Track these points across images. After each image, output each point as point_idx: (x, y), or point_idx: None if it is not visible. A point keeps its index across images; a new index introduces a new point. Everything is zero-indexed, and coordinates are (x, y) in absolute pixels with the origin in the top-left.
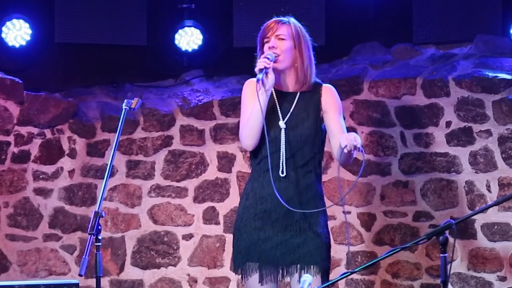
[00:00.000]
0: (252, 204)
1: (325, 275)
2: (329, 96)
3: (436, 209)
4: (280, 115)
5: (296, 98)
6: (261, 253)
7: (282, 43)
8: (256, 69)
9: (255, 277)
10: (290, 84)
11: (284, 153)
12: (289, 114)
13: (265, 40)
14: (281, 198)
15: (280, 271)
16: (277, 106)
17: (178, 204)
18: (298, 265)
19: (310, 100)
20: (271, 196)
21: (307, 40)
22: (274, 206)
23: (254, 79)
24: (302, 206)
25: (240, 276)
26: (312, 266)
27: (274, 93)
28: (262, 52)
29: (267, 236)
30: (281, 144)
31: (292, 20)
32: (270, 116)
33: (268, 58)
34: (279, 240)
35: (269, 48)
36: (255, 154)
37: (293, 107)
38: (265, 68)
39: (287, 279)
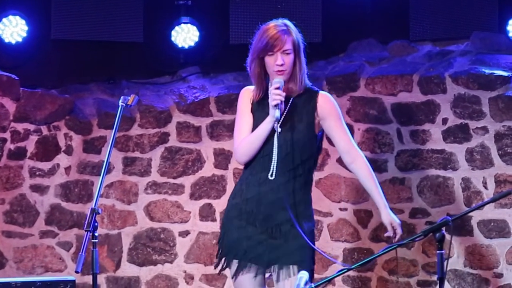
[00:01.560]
0: (238, 203)
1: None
2: (326, 104)
3: (433, 206)
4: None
5: (290, 103)
6: (242, 250)
7: (287, 57)
8: (272, 103)
9: (232, 272)
10: (286, 89)
11: (275, 157)
12: (282, 118)
13: (269, 53)
14: (294, 220)
15: (258, 269)
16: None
17: (174, 201)
18: (277, 265)
19: (304, 105)
20: (255, 197)
21: (303, 44)
22: (258, 207)
23: (251, 87)
24: (287, 210)
25: (219, 271)
26: (291, 266)
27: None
28: (260, 62)
29: (249, 235)
30: (274, 147)
31: (290, 25)
32: (264, 119)
33: (279, 88)
34: (261, 239)
35: (278, 65)
36: None
37: (286, 111)
38: (281, 101)
39: (266, 277)
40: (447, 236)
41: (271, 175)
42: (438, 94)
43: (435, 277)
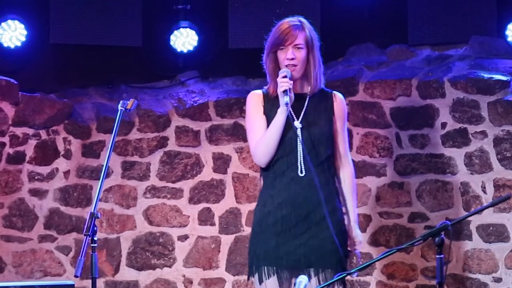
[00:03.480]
0: (271, 211)
1: (341, 279)
2: (341, 105)
3: (432, 210)
4: (294, 116)
5: (307, 99)
6: (279, 257)
7: (299, 52)
8: (280, 90)
9: (272, 280)
10: (301, 87)
11: (301, 152)
12: (302, 114)
13: (281, 47)
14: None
15: (296, 274)
16: (290, 108)
17: (173, 205)
18: (313, 269)
19: (321, 102)
20: (289, 200)
21: (318, 42)
22: (294, 210)
23: (257, 91)
24: (321, 205)
25: (257, 281)
26: (328, 271)
27: None
28: (273, 56)
29: (285, 241)
30: (298, 143)
31: (304, 22)
32: None
33: (287, 77)
34: (297, 244)
35: (288, 59)
36: None
37: (305, 107)
38: (288, 88)
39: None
40: (446, 241)
41: (301, 172)
42: (437, 98)
43: (434, 282)
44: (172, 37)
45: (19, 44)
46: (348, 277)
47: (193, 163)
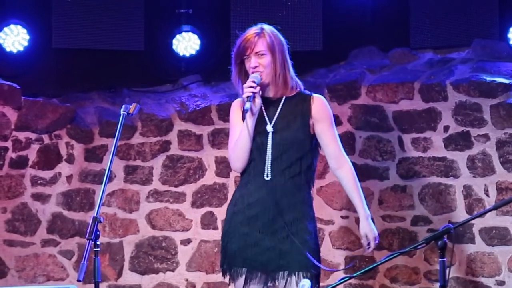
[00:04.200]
0: (240, 210)
1: (314, 281)
2: (320, 106)
3: (434, 214)
4: (267, 120)
5: (281, 102)
6: (248, 258)
7: (262, 59)
8: (244, 96)
9: (241, 281)
10: (273, 91)
11: (269, 157)
12: (275, 118)
13: (244, 57)
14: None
15: (267, 276)
16: (264, 112)
17: (176, 209)
18: (286, 271)
19: (297, 105)
20: (258, 201)
21: (282, 44)
22: (262, 211)
23: (239, 99)
24: (288, 211)
25: (228, 280)
26: (300, 272)
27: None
28: (239, 68)
29: (255, 241)
30: (267, 147)
31: (266, 28)
32: (257, 122)
33: (254, 82)
34: (267, 245)
35: (252, 68)
36: None
37: (278, 111)
38: (253, 94)
39: (276, 283)
40: (449, 244)
41: (267, 176)
42: (439, 101)
43: (437, 285)
44: (174, 41)
45: (21, 48)
46: (352, 281)
47: (195, 167)
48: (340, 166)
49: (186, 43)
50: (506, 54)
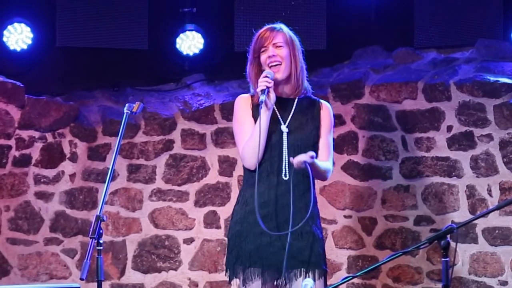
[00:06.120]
0: (253, 209)
1: (324, 279)
2: (327, 114)
3: (437, 213)
4: (281, 119)
5: (295, 103)
6: (264, 257)
7: (280, 50)
8: (258, 90)
9: (257, 282)
10: (287, 90)
11: (286, 157)
12: (289, 118)
13: (262, 49)
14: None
15: (283, 276)
16: (277, 111)
17: (179, 208)
18: (303, 269)
19: (308, 108)
20: (272, 201)
21: (299, 45)
22: (276, 211)
23: (246, 95)
24: (301, 210)
25: (240, 282)
26: (316, 271)
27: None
28: (256, 62)
29: (270, 241)
30: (284, 147)
31: (283, 26)
32: (271, 121)
33: (268, 77)
34: (282, 244)
35: (269, 57)
36: None
37: (292, 111)
38: (267, 88)
39: (290, 282)
40: (452, 244)
41: (285, 175)
42: (442, 101)
43: (439, 285)
44: (178, 40)
45: (25, 47)
46: (355, 280)
47: (198, 166)
48: None
49: (190, 42)
50: (510, 54)
